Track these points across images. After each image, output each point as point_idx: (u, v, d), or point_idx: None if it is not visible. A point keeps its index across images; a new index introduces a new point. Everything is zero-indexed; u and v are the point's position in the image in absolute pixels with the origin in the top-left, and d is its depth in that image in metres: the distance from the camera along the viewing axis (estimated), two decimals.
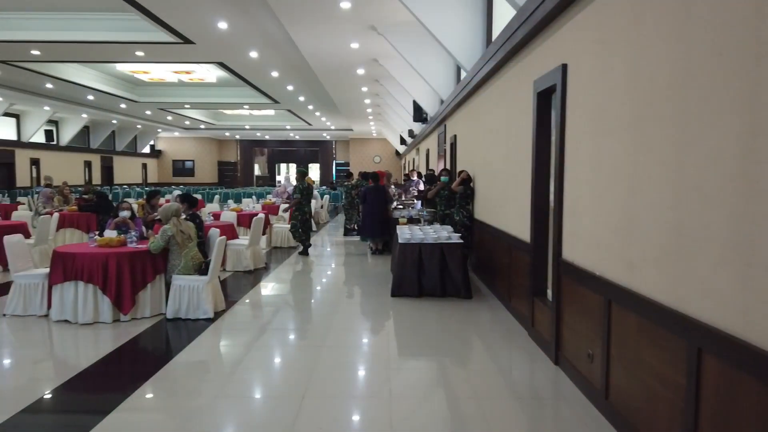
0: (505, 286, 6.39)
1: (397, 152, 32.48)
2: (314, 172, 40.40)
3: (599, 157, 3.64)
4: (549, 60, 4.66)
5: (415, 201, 11.87)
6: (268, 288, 7.81)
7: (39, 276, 5.87)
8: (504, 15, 6.38)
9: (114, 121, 27.61)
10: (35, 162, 24.63)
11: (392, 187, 13.28)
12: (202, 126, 30.19)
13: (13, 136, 23.48)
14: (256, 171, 41.37)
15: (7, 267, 8.03)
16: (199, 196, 17.21)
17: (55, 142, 25.72)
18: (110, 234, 6.12)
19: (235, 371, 4.49)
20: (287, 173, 43.96)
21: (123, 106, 22.29)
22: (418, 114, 13.69)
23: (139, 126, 30.14)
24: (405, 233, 7.09)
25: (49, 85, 17.64)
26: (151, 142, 35.70)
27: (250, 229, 8.97)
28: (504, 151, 6.39)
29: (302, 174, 11.16)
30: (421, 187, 12.61)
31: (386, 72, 12.52)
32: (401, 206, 11.14)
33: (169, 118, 26.76)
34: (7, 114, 22.04)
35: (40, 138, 24.62)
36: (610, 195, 3.47)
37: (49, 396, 3.95)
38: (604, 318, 3.50)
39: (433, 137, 14.42)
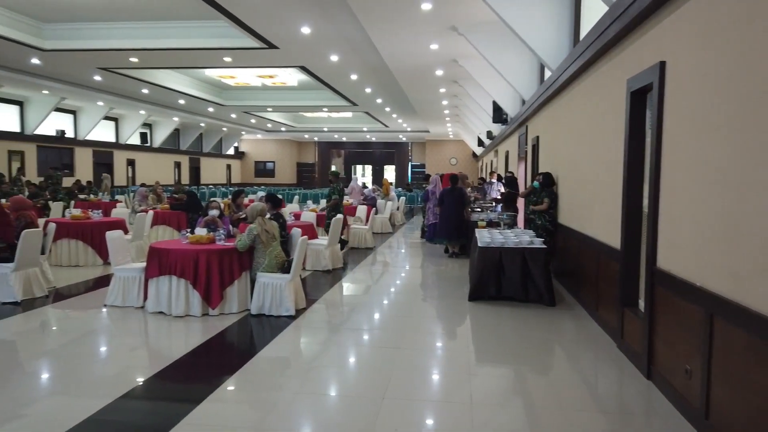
0: (591, 294, 6.13)
1: (474, 154, 32.10)
2: (390, 173, 40.67)
3: (701, 159, 3.40)
4: (645, 57, 4.42)
5: (494, 204, 11.65)
6: (346, 288, 7.92)
7: (137, 270, 6.25)
8: (594, 11, 6.13)
9: (202, 124, 29.07)
10: (131, 162, 26.39)
11: (468, 189, 13.12)
12: (283, 128, 31.18)
13: (112, 138, 25.27)
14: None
15: (108, 260, 8.66)
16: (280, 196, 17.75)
17: (148, 144, 27.45)
18: (200, 232, 6.42)
19: (315, 368, 4.58)
20: (363, 174, 44.58)
21: (210, 109, 23.41)
22: (498, 115, 13.44)
23: (224, 129, 31.58)
24: (484, 237, 6.96)
25: (145, 91, 18.83)
26: (235, 144, 37.28)
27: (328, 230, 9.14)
28: (591, 153, 6.13)
29: (335, 175, 11.32)
30: (502, 189, 12.35)
31: (465, 72, 12.39)
32: (479, 209, 10.97)
33: (253, 120, 27.82)
34: (107, 118, 23.75)
35: (135, 140, 26.36)
36: (714, 200, 3.23)
37: (146, 383, 4.18)
38: (704, 332, 3.27)
39: (513, 139, 14.11)
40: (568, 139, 7.38)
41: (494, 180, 14.36)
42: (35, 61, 13.97)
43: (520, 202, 10.45)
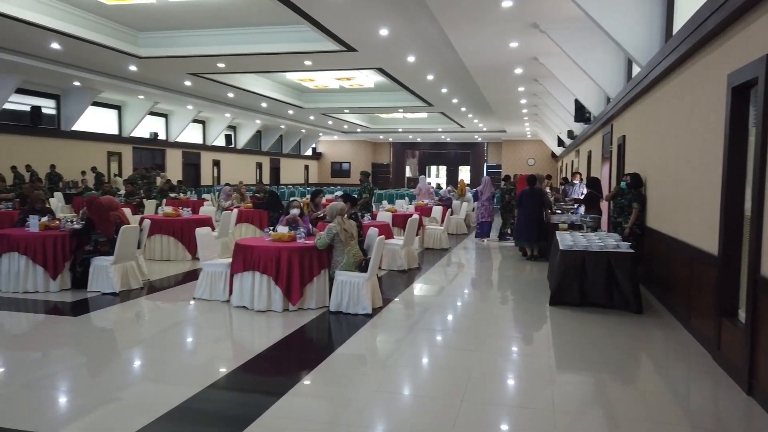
0: (683, 302, 5.77)
1: (553, 154, 31.15)
2: (465, 174, 40.28)
3: None
4: (749, 50, 4.11)
5: (575, 205, 11.25)
6: (421, 288, 7.91)
7: (223, 265, 6.54)
8: (688, 4, 5.78)
9: (282, 126, 30.04)
10: (216, 163, 27.70)
11: (548, 189, 12.75)
12: (359, 129, 31.64)
13: (199, 140, 26.63)
14: (408, 173, 42.34)
15: (196, 255, 9.12)
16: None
17: (233, 146, 28.72)
18: (282, 230, 6.62)
19: (392, 367, 4.60)
20: (437, 175, 44.43)
21: (290, 111, 24.14)
22: (580, 114, 12.95)
23: (303, 130, 32.49)
24: (567, 240, 6.74)
25: (230, 94, 19.69)
26: (313, 145, 38.23)
27: (403, 230, 9.17)
28: (685, 152, 5.78)
29: (365, 175, 11.28)
30: (584, 190, 11.91)
31: (546, 71, 12.05)
32: (559, 211, 10.64)
33: (330, 122, 28.42)
34: (195, 120, 25.04)
35: (221, 141, 27.66)
36: None
37: (231, 375, 4.36)
38: None
39: (596, 138, 13.57)
40: (658, 138, 6.99)
41: (577, 181, 13.87)
42: (132, 67, 14.95)
43: (604, 205, 10.03)
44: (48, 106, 18.45)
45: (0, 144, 16.51)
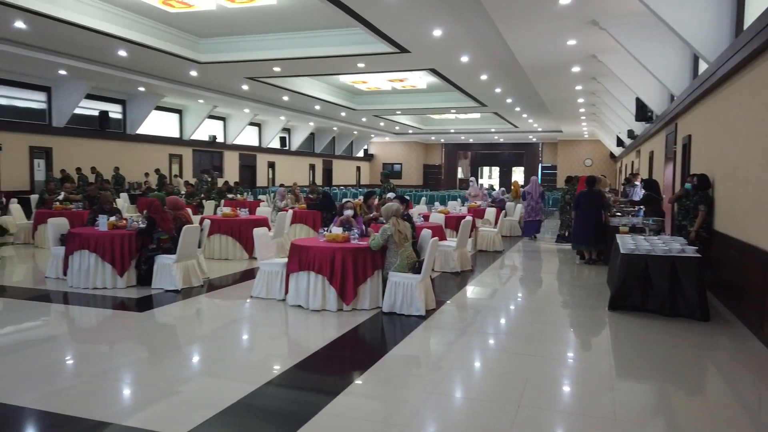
0: (754, 309, 5.46)
1: (611, 155, 30.20)
2: (518, 175, 39.60)
3: None
4: None
5: (635, 208, 10.85)
6: (474, 291, 7.82)
7: (279, 265, 6.67)
8: None
9: (334, 128, 30.43)
10: (271, 165, 28.36)
11: (607, 190, 12.34)
12: (410, 131, 31.65)
13: (255, 143, 27.32)
14: (459, 174, 42.01)
15: (252, 255, 9.35)
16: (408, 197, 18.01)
17: (287, 148, 29.33)
18: (336, 230, 6.69)
19: (446, 369, 4.56)
20: (489, 176, 43.86)
21: (343, 114, 24.41)
22: (642, 113, 12.49)
23: (355, 132, 32.79)
24: (628, 243, 6.50)
25: (285, 98, 20.11)
26: (365, 147, 38.52)
27: (456, 231, 9.08)
28: (759, 153, 5.47)
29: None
30: (642, 192, 11.48)
31: (605, 68, 11.70)
32: (619, 213, 10.29)
33: (382, 124, 28.56)
34: (252, 123, 25.72)
35: (275, 144, 28.28)
36: None
37: (288, 372, 4.44)
38: None
39: (659, 138, 13.05)
40: (728, 137, 6.66)
41: (638, 182, 13.39)
42: (193, 73, 15.50)
43: (666, 207, 9.63)
44: (115, 111, 19.40)
45: (70, 146, 17.48)
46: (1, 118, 15.71)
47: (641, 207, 10.18)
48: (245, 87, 17.92)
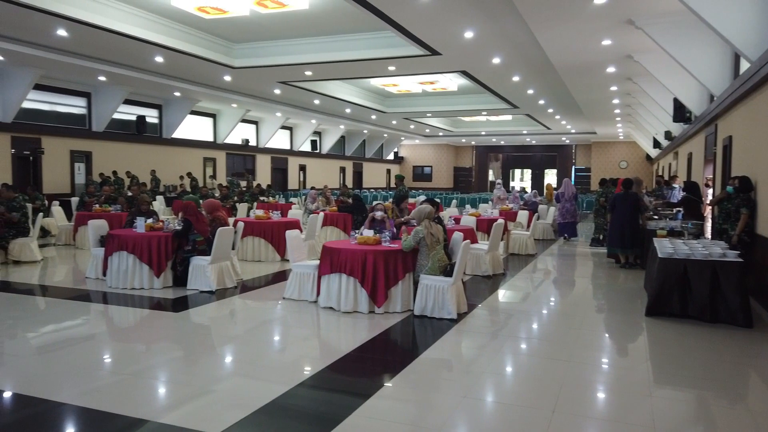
0: None
1: (647, 156, 29.52)
2: (551, 178, 39.05)
3: None
4: None
5: (673, 210, 10.58)
6: (507, 294, 7.73)
7: (311, 266, 6.72)
8: None
9: (365, 131, 30.56)
10: (302, 168, 28.63)
11: (643, 192, 12.06)
12: (441, 133, 31.53)
13: (287, 146, 27.62)
14: (490, 176, 41.66)
15: (285, 256, 9.44)
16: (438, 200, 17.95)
17: (318, 151, 29.57)
18: (368, 233, 6.70)
19: (479, 374, 4.51)
20: (521, 179, 43.37)
21: (373, 117, 24.49)
22: (680, 113, 12.18)
23: (385, 135, 32.87)
24: (666, 247, 6.34)
25: (316, 101, 20.29)
26: (395, 150, 38.55)
27: (488, 234, 9.00)
28: None
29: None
30: (680, 195, 11.19)
31: (641, 68, 11.45)
32: (656, 217, 10.05)
33: (412, 126, 28.54)
34: (283, 127, 26.01)
35: (307, 147, 28.54)
36: None
37: (320, 374, 4.45)
38: None
39: (697, 139, 12.70)
40: None
41: (676, 185, 13.05)
42: (227, 77, 15.78)
43: (707, 210, 9.36)
44: (151, 115, 19.89)
45: (109, 150, 17.99)
46: (43, 123, 16.28)
47: (679, 210, 9.92)
48: (277, 91, 18.14)
